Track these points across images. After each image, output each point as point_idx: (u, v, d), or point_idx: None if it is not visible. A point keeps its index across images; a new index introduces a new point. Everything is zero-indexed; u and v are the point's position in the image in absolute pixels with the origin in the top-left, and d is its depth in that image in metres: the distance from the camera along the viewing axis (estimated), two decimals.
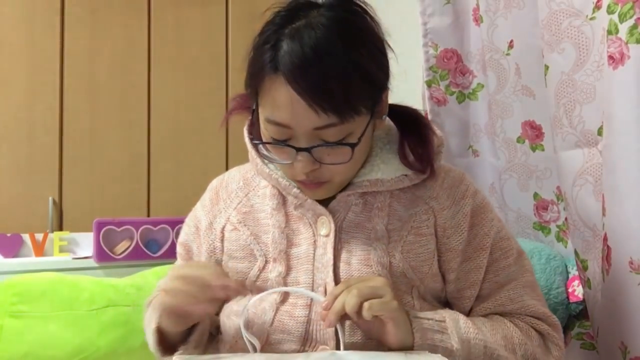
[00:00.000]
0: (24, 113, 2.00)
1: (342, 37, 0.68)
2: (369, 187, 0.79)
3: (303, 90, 0.67)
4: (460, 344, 0.72)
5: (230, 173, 0.94)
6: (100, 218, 1.85)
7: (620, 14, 0.82)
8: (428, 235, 0.79)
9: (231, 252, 0.85)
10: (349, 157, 0.71)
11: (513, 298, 0.81)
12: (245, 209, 0.86)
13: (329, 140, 0.70)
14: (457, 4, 1.40)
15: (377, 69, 0.72)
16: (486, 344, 0.74)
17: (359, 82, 0.69)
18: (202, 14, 2.25)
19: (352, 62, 0.68)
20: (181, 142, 2.20)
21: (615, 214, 0.86)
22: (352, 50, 0.69)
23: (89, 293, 1.29)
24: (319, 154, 0.72)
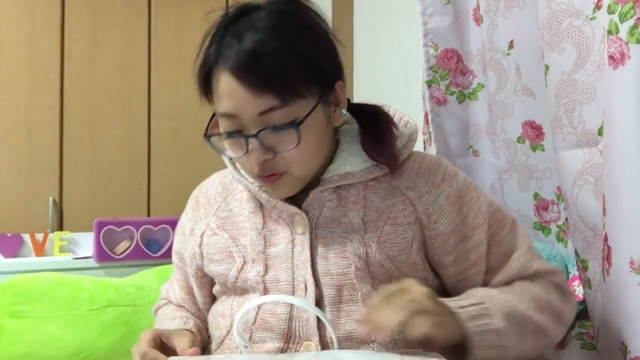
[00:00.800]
0: (24, 113, 2.00)
1: (278, 23, 0.72)
2: (339, 180, 0.80)
3: (238, 74, 0.70)
4: (506, 321, 0.74)
5: (209, 179, 0.97)
6: (100, 218, 1.85)
7: (620, 13, 0.82)
8: (405, 225, 0.79)
9: (210, 256, 0.87)
10: (296, 139, 0.72)
11: (524, 264, 0.83)
12: (223, 214, 0.88)
13: (276, 124, 0.71)
14: (457, 4, 1.40)
15: (317, 54, 0.74)
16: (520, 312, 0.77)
17: (296, 64, 0.71)
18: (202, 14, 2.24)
19: (286, 44, 0.71)
20: (181, 142, 2.20)
21: (615, 214, 0.86)
22: (287, 34, 0.72)
23: (89, 293, 1.29)
24: (268, 141, 0.72)
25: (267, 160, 0.74)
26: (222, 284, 0.87)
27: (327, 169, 0.81)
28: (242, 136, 0.73)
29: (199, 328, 0.91)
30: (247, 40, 0.70)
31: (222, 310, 0.86)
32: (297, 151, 0.73)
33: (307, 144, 0.74)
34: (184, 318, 0.91)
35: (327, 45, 0.78)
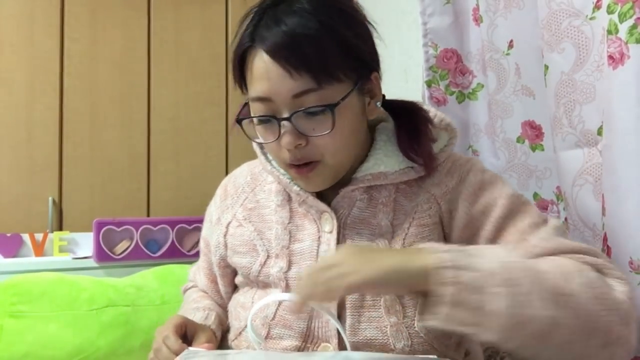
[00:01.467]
0: (24, 113, 2.00)
1: (317, 7, 0.71)
2: (371, 180, 0.78)
3: (275, 53, 0.68)
4: (503, 267, 0.60)
5: (240, 168, 0.97)
6: (100, 218, 1.85)
7: (620, 13, 0.82)
8: (431, 225, 0.77)
9: (235, 247, 0.87)
10: (330, 124, 0.70)
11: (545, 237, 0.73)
12: (250, 205, 0.88)
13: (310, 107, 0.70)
14: (457, 4, 1.40)
15: (355, 39, 0.73)
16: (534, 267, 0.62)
17: (334, 47, 0.70)
18: (202, 14, 2.25)
19: (325, 26, 0.70)
20: (181, 142, 2.20)
21: (615, 214, 0.86)
22: (326, 17, 0.70)
23: (89, 293, 1.29)
24: (302, 125, 0.71)
25: (299, 147, 0.72)
26: (244, 276, 0.87)
27: (359, 168, 0.79)
28: (275, 119, 0.71)
29: (219, 323, 0.91)
30: (285, 21, 0.69)
31: (243, 301, 0.86)
32: (331, 137, 0.71)
33: (342, 130, 0.72)
34: (206, 310, 0.90)
35: (366, 34, 0.77)
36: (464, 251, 0.62)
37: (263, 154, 0.85)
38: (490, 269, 0.59)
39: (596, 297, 0.62)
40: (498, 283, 0.58)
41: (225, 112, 2.26)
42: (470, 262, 0.59)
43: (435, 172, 0.81)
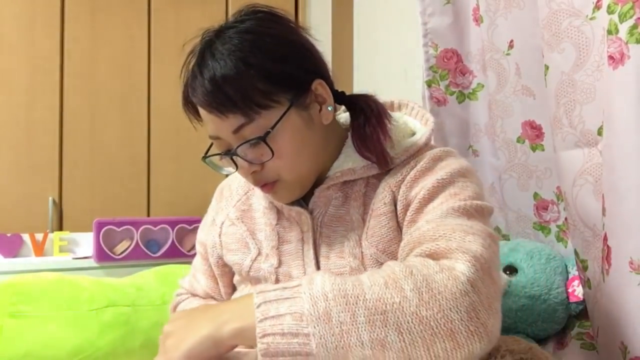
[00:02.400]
0: (24, 113, 2.00)
1: (236, 44, 0.73)
2: (341, 177, 0.80)
3: (203, 103, 0.75)
4: (313, 303, 0.59)
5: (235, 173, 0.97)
6: (100, 218, 1.85)
7: (620, 14, 0.82)
8: (388, 214, 0.77)
9: (228, 245, 0.90)
10: (269, 151, 0.74)
11: (426, 228, 0.69)
12: (243, 207, 0.91)
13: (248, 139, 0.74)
14: (457, 4, 1.40)
15: (280, 63, 0.74)
16: (347, 292, 0.59)
17: (255, 80, 0.72)
18: (202, 14, 2.25)
19: (242, 63, 0.72)
20: (181, 142, 2.20)
21: (615, 214, 0.86)
22: (244, 53, 0.72)
23: (89, 293, 1.28)
24: (249, 155, 0.75)
25: (256, 172, 0.77)
26: (238, 273, 0.90)
27: (332, 166, 0.81)
28: (227, 154, 0.77)
29: None
30: (207, 68, 0.74)
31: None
32: (278, 160, 0.75)
33: (285, 152, 0.75)
34: None
35: (293, 51, 0.77)
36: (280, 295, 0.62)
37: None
38: (301, 310, 0.59)
39: (427, 301, 0.57)
40: (310, 322, 0.58)
41: None
42: (280, 309, 0.60)
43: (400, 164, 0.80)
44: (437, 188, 0.74)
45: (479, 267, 0.61)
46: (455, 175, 0.75)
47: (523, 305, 1.13)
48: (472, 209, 0.71)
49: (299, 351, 0.58)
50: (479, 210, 0.72)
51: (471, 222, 0.69)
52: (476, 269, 0.60)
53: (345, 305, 0.58)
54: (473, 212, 0.71)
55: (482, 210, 0.73)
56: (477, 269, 0.60)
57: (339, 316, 0.58)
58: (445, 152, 0.80)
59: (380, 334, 0.57)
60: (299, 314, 0.58)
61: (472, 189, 0.75)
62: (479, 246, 0.63)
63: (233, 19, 0.78)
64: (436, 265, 0.61)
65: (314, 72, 0.78)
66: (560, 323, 1.16)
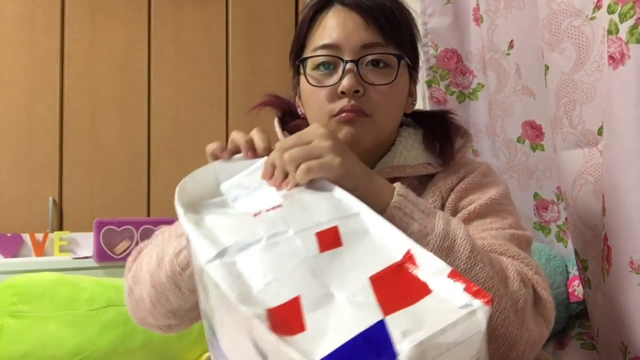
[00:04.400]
0: (24, 113, 2.00)
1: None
2: (390, 173, 0.79)
3: (356, 6, 0.75)
4: (443, 233, 0.60)
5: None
6: (100, 218, 1.85)
7: (620, 13, 0.82)
8: None
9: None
10: (392, 76, 0.75)
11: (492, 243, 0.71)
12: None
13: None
14: (457, 4, 1.40)
15: (415, 30, 0.82)
16: (474, 249, 0.61)
17: (406, 24, 0.79)
18: (202, 14, 2.25)
19: (402, 9, 0.79)
20: (181, 142, 2.20)
21: (615, 214, 0.86)
22: (405, 6, 0.80)
23: (89, 293, 1.29)
24: (365, 74, 0.74)
25: (355, 96, 0.74)
26: None
27: (380, 161, 0.81)
28: (342, 60, 0.74)
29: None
30: None
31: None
32: (388, 92, 0.75)
33: (397, 89, 0.77)
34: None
35: (418, 41, 0.84)
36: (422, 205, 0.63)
37: (284, 137, 0.86)
38: (431, 229, 0.61)
39: (518, 309, 0.61)
40: (431, 242, 0.60)
41: (225, 112, 2.26)
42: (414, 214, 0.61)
43: (446, 171, 0.82)
44: (489, 206, 0.77)
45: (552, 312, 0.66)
46: (503, 197, 0.79)
47: None
48: (525, 240, 0.75)
49: (419, 219, 0.60)
50: (528, 242, 0.76)
51: (525, 253, 0.73)
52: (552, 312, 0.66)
53: (465, 258, 0.60)
54: (525, 244, 0.75)
55: (529, 243, 0.77)
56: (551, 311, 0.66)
57: (455, 260, 0.59)
58: (489, 168, 0.84)
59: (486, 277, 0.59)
60: (427, 230, 0.60)
61: (515, 213, 0.79)
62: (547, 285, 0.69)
63: None
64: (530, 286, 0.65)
65: (417, 68, 0.84)
66: (560, 323, 1.16)
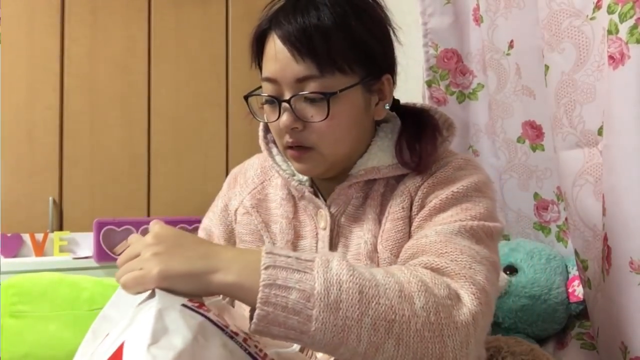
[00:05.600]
0: (24, 113, 2.00)
1: (336, 3, 0.73)
2: (364, 175, 0.79)
3: (285, 39, 0.72)
4: (325, 287, 0.56)
5: (250, 160, 0.97)
6: (100, 218, 1.85)
7: (620, 14, 0.82)
8: (405, 219, 0.77)
9: (241, 236, 0.87)
10: (325, 112, 0.72)
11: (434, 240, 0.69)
12: (259, 196, 0.89)
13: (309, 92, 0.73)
14: (457, 4, 1.40)
15: (368, 36, 0.75)
16: (363, 288, 0.57)
17: (343, 39, 0.72)
18: (202, 14, 2.25)
19: (338, 19, 0.72)
20: (181, 142, 2.20)
21: (615, 214, 0.86)
22: (342, 11, 0.73)
23: (89, 293, 1.28)
24: (300, 110, 0.73)
25: (296, 131, 0.74)
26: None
27: (356, 164, 0.80)
28: (277, 100, 0.75)
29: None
30: (303, 11, 0.72)
31: None
32: (327, 126, 0.73)
33: (338, 121, 0.74)
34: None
35: (382, 35, 0.79)
36: (291, 265, 0.57)
37: (267, 149, 0.87)
38: (311, 289, 0.56)
39: (432, 322, 0.58)
40: (316, 306, 0.55)
41: (225, 112, 2.25)
42: (289, 280, 0.56)
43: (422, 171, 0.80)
44: (451, 200, 0.74)
45: (482, 301, 0.62)
46: (470, 189, 0.75)
47: (523, 305, 1.13)
48: (482, 231, 0.72)
49: (295, 327, 0.55)
50: (488, 233, 0.73)
51: (479, 246, 0.69)
52: (479, 302, 0.62)
53: (357, 302, 0.56)
54: (482, 236, 0.71)
55: (492, 234, 0.73)
56: (480, 302, 0.62)
57: (347, 310, 0.56)
58: (466, 162, 0.80)
59: (380, 339, 0.56)
60: (308, 293, 0.55)
61: (484, 204, 0.75)
62: (483, 278, 0.65)
63: None
64: (446, 287, 0.62)
65: (389, 66, 0.80)
66: (560, 323, 1.16)
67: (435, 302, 0.59)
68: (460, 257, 0.66)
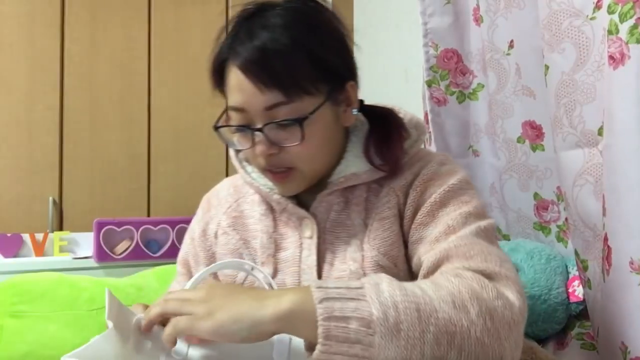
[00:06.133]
0: (24, 113, 2.00)
1: (290, 21, 0.73)
2: (344, 182, 0.80)
3: (247, 69, 0.71)
4: (383, 311, 0.55)
5: (221, 183, 0.97)
6: (100, 218, 1.85)
7: (620, 14, 0.82)
8: (391, 217, 0.78)
9: (221, 257, 0.87)
10: (299, 136, 0.72)
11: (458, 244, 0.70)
12: (234, 214, 0.88)
13: (280, 119, 0.72)
14: (457, 4, 1.40)
15: (327, 53, 0.75)
16: (419, 306, 0.57)
17: (304, 62, 0.72)
18: (202, 14, 2.25)
19: (296, 42, 0.72)
20: (181, 142, 2.20)
21: (615, 214, 0.86)
22: (298, 32, 0.72)
23: (89, 293, 1.29)
24: (274, 136, 0.73)
25: (273, 155, 0.75)
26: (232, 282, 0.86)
27: (334, 171, 0.80)
28: (249, 130, 0.74)
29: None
30: (258, 36, 0.72)
31: None
32: (302, 147, 0.73)
33: (313, 141, 0.74)
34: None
35: (340, 45, 0.78)
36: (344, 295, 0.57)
37: (242, 167, 0.87)
38: (369, 315, 0.55)
39: (489, 328, 0.59)
40: (377, 331, 0.55)
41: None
42: (345, 310, 0.55)
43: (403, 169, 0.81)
44: (449, 193, 0.76)
45: (523, 296, 0.65)
46: (463, 182, 0.78)
47: None
48: (490, 232, 0.75)
49: (358, 354, 0.55)
50: (492, 231, 0.76)
51: (493, 247, 0.72)
52: (522, 298, 0.64)
53: (416, 320, 0.56)
54: (491, 236, 0.74)
55: (494, 231, 0.76)
56: (522, 297, 0.64)
57: (408, 330, 0.56)
58: (446, 157, 0.83)
59: (443, 352, 0.57)
60: (367, 320, 0.55)
61: (477, 198, 0.78)
62: (514, 274, 0.67)
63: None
64: (493, 288, 0.63)
65: (351, 72, 0.80)
66: (560, 323, 1.16)
67: (488, 307, 0.60)
68: (489, 257, 0.68)
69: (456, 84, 1.42)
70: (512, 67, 1.23)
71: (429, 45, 1.42)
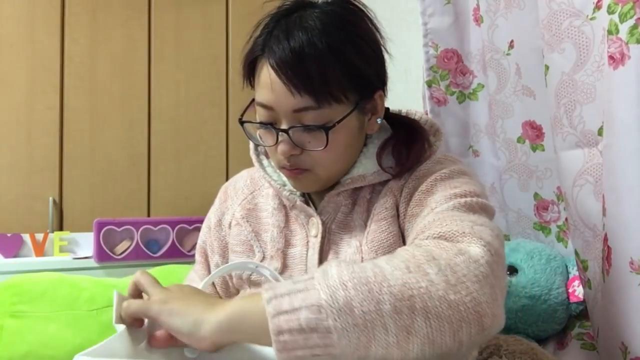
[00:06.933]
0: (24, 113, 2.00)
1: (328, 25, 0.72)
2: (351, 183, 0.80)
3: (280, 69, 0.71)
4: (330, 293, 0.53)
5: (240, 173, 0.98)
6: (100, 218, 1.85)
7: (620, 14, 0.82)
8: (389, 219, 0.78)
9: (232, 247, 0.88)
10: (324, 142, 0.72)
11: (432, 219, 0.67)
12: (249, 206, 0.90)
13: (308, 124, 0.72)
14: (457, 4, 1.40)
15: (361, 61, 0.74)
16: (368, 279, 0.54)
17: (338, 69, 0.72)
18: (202, 14, 2.25)
19: (332, 47, 0.71)
20: (181, 142, 2.20)
21: (615, 214, 0.86)
22: (335, 38, 0.72)
23: (89, 293, 1.29)
24: (298, 138, 0.74)
25: (294, 155, 0.75)
26: (238, 277, 0.87)
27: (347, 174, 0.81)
28: (274, 129, 0.74)
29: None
30: (295, 37, 0.71)
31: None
32: (324, 153, 0.74)
33: (335, 147, 0.74)
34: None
35: (374, 54, 0.78)
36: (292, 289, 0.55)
37: (258, 161, 0.88)
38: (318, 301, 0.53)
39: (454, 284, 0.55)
40: (330, 314, 0.52)
41: (225, 112, 2.26)
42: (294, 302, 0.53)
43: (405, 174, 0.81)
44: (437, 181, 0.75)
45: (493, 252, 0.59)
46: (455, 171, 0.77)
47: (523, 306, 1.13)
48: (477, 205, 0.71)
49: (318, 344, 0.52)
50: (483, 207, 0.72)
51: (475, 216, 0.68)
52: (491, 254, 0.59)
53: (368, 294, 0.53)
54: (478, 209, 0.70)
55: (487, 208, 0.73)
56: (491, 253, 0.59)
57: (361, 306, 0.52)
58: (445, 156, 0.82)
59: (406, 320, 0.53)
60: (317, 306, 0.52)
61: (473, 185, 0.75)
62: (488, 235, 0.62)
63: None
64: (452, 246, 0.59)
65: (381, 82, 0.80)
66: (560, 323, 1.16)
67: (447, 264, 0.56)
68: (461, 224, 0.63)
69: (456, 84, 1.42)
70: (512, 67, 1.23)
71: (429, 45, 1.42)
